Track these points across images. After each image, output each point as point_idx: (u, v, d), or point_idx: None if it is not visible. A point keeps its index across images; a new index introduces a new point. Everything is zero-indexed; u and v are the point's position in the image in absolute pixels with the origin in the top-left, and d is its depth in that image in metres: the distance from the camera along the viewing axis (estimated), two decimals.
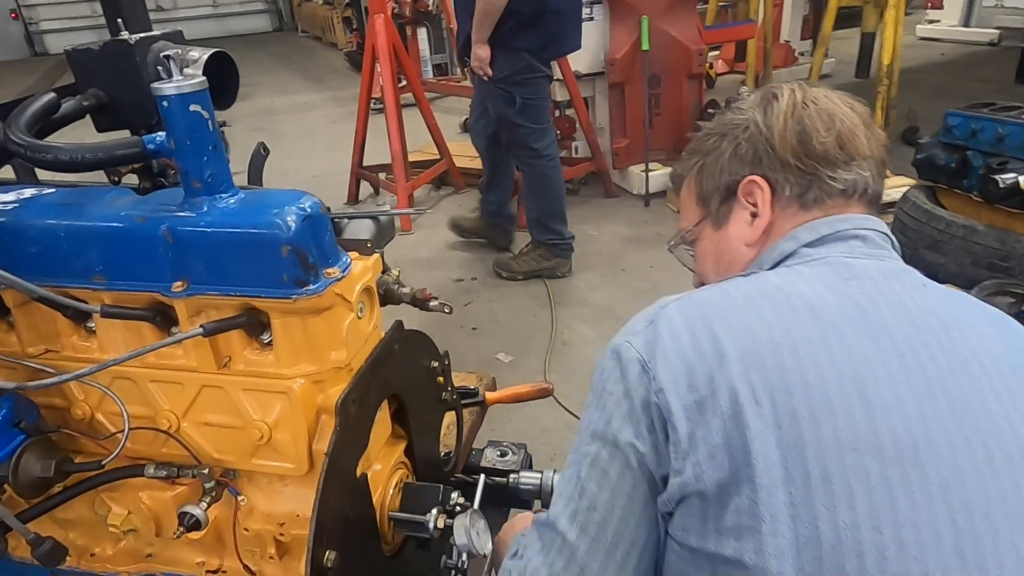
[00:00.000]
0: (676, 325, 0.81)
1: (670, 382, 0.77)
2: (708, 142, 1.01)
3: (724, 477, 0.72)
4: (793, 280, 0.84)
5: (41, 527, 1.19)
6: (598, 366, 0.87)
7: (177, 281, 1.03)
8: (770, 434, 0.71)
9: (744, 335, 0.77)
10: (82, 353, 1.15)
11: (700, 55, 4.58)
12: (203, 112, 0.97)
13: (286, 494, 1.12)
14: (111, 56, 1.14)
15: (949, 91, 6.46)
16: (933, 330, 0.78)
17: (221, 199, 1.02)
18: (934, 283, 0.87)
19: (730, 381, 0.74)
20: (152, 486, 1.13)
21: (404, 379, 1.28)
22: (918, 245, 3.11)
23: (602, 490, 0.81)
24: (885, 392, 0.73)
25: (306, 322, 1.04)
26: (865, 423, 0.71)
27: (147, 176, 1.18)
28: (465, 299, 3.68)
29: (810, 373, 0.73)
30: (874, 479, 0.69)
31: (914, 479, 0.69)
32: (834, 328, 0.77)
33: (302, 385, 1.06)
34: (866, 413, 0.72)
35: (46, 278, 1.06)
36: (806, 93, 0.95)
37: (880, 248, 0.90)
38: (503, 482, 1.58)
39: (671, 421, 0.76)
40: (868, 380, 0.73)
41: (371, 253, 1.18)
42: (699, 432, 0.74)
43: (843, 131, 0.92)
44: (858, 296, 0.81)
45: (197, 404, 1.10)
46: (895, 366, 0.75)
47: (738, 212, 0.98)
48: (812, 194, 0.92)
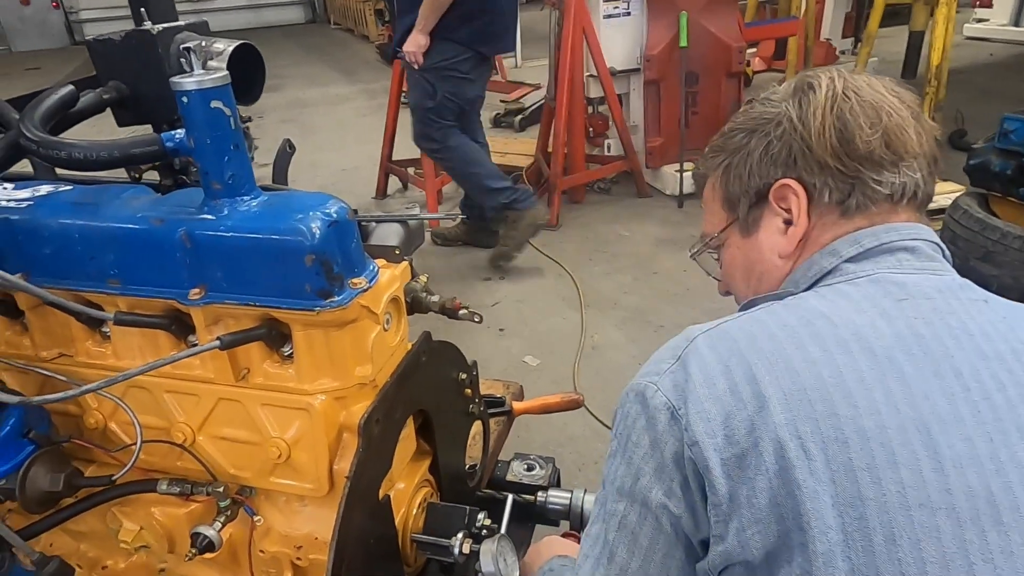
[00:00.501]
0: (708, 364, 0.70)
1: (705, 433, 0.67)
2: (735, 139, 0.89)
3: (772, 543, 0.63)
4: (839, 305, 0.73)
5: (52, 535, 1.15)
6: (621, 407, 0.76)
7: (195, 288, 0.97)
8: (824, 492, 0.61)
9: (787, 376, 0.67)
10: (96, 359, 1.09)
11: (740, 52, 4.43)
12: (225, 109, 0.90)
13: (304, 515, 1.06)
14: (132, 47, 1.08)
15: (998, 93, 6.21)
16: (1004, 359, 0.68)
17: (242, 201, 0.96)
18: (996, 297, 0.75)
19: (774, 431, 0.64)
20: (165, 502, 1.08)
21: (431, 394, 1.21)
22: (969, 256, 2.96)
23: (633, 557, 0.72)
24: (955, 438, 0.63)
25: (329, 335, 0.97)
26: (934, 476, 0.61)
27: (167, 173, 1.12)
28: (492, 299, 3.60)
29: (867, 419, 0.63)
30: (947, 541, 0.59)
31: (993, 541, 0.60)
32: (890, 363, 0.66)
33: (323, 402, 0.99)
34: (934, 464, 0.62)
35: (60, 280, 1.01)
36: (847, 82, 0.82)
37: (932, 260, 0.79)
38: (530, 499, 1.50)
39: (708, 479, 0.66)
40: (934, 424, 0.63)
41: (399, 260, 1.11)
42: (742, 492, 0.65)
43: (890, 127, 0.79)
44: (914, 320, 0.70)
45: (213, 417, 1.04)
46: (963, 406, 0.65)
47: (769, 219, 0.87)
48: (854, 200, 0.81)
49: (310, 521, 1.05)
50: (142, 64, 1.10)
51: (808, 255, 0.83)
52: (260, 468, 1.03)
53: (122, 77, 1.11)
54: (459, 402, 1.36)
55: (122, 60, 1.11)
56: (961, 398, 0.65)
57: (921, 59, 5.60)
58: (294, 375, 1.00)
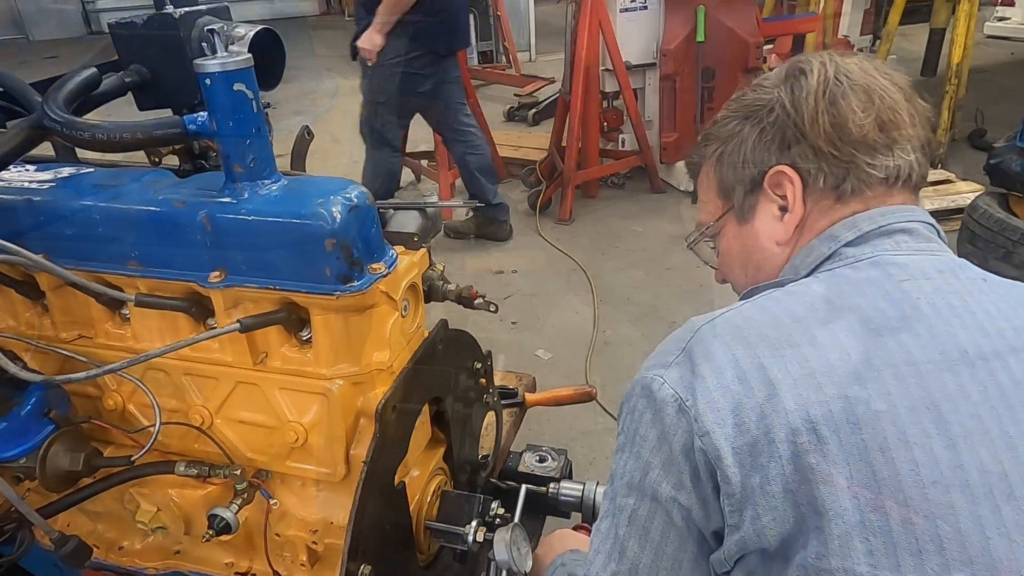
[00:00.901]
0: (714, 354, 0.70)
1: (715, 423, 0.66)
2: (728, 127, 0.88)
3: (788, 529, 0.63)
4: (841, 289, 0.73)
5: (70, 515, 1.16)
6: (627, 401, 0.76)
7: (215, 271, 0.97)
8: (839, 475, 0.61)
9: (795, 362, 0.66)
10: (116, 341, 1.10)
11: (758, 48, 4.39)
12: (247, 92, 0.90)
13: (320, 500, 1.06)
14: (154, 30, 1.08)
15: (1019, 92, 6.13)
16: (1005, 336, 0.68)
17: (263, 185, 0.96)
18: (993, 276, 0.76)
19: (785, 418, 0.64)
20: (182, 483, 1.08)
21: (447, 382, 1.21)
22: (988, 256, 2.92)
23: (644, 551, 0.72)
24: (964, 415, 0.63)
25: (348, 320, 0.97)
26: (946, 454, 0.61)
27: (188, 158, 1.12)
28: (505, 292, 3.60)
29: (877, 401, 0.63)
30: (962, 518, 0.59)
31: (1007, 515, 0.59)
32: (897, 344, 0.66)
33: (341, 387, 0.99)
34: (946, 442, 0.62)
35: (81, 261, 1.02)
36: (838, 66, 0.81)
37: (929, 241, 0.79)
38: (542, 491, 1.50)
39: (721, 469, 0.66)
40: (943, 403, 0.63)
41: (417, 247, 1.11)
42: (755, 480, 0.64)
43: (883, 110, 0.79)
44: (917, 300, 0.70)
45: (231, 401, 1.05)
46: (969, 383, 0.64)
47: (765, 206, 0.86)
48: (849, 184, 0.80)
49: (326, 506, 1.06)
50: (164, 48, 1.10)
51: (806, 241, 0.82)
52: (277, 452, 1.04)
53: (144, 61, 1.11)
54: (474, 391, 1.36)
55: (144, 44, 1.11)
56: (967, 376, 0.65)
57: (941, 57, 5.53)
58: (312, 359, 1.00)
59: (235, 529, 1.01)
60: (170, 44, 1.08)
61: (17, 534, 1.04)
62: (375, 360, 1.01)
